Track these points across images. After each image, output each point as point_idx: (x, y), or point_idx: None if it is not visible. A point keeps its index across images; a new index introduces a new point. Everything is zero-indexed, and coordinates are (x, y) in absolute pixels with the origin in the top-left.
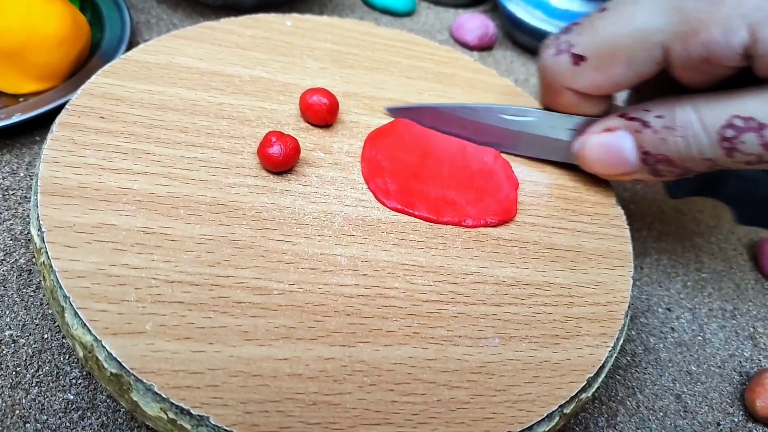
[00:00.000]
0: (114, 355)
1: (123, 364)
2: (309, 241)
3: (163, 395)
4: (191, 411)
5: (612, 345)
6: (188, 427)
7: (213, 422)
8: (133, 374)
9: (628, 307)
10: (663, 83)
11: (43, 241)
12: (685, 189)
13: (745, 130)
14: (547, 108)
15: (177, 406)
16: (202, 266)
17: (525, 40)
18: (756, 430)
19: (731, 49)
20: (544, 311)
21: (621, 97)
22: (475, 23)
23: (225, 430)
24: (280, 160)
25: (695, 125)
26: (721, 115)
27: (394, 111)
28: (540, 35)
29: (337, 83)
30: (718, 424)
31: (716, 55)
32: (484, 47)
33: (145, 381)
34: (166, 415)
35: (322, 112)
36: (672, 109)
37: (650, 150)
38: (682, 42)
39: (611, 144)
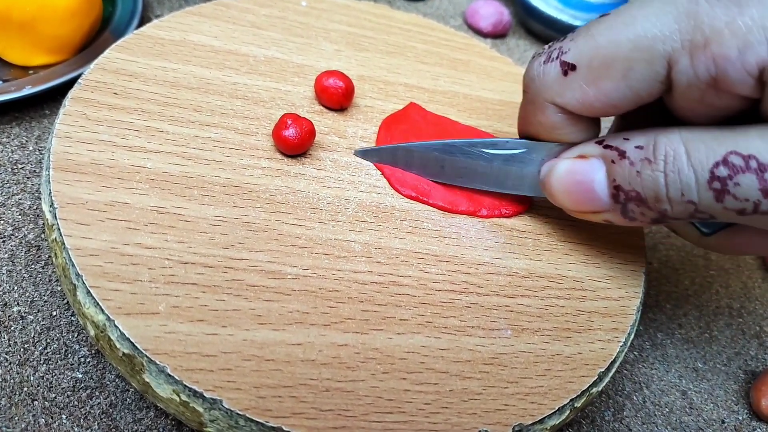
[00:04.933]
0: (127, 335)
1: (136, 344)
2: (323, 226)
3: (176, 377)
4: (204, 394)
5: (623, 340)
6: (201, 410)
7: (226, 406)
8: (146, 355)
9: (640, 302)
10: (662, 118)
11: (55, 217)
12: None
13: (742, 170)
14: (522, 134)
15: (190, 389)
16: (216, 248)
17: (539, 29)
18: (760, 428)
19: (744, 70)
20: (557, 304)
21: None
22: (490, 10)
23: (238, 414)
24: (296, 143)
25: (681, 159)
26: (715, 150)
27: (363, 153)
28: (555, 24)
29: (352, 66)
30: (723, 422)
31: (726, 75)
32: (497, 35)
33: (158, 362)
34: (179, 397)
35: (337, 96)
36: (655, 139)
37: (622, 184)
38: (690, 55)
39: (580, 173)
